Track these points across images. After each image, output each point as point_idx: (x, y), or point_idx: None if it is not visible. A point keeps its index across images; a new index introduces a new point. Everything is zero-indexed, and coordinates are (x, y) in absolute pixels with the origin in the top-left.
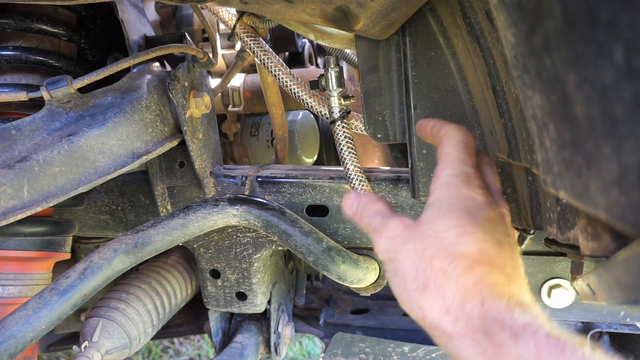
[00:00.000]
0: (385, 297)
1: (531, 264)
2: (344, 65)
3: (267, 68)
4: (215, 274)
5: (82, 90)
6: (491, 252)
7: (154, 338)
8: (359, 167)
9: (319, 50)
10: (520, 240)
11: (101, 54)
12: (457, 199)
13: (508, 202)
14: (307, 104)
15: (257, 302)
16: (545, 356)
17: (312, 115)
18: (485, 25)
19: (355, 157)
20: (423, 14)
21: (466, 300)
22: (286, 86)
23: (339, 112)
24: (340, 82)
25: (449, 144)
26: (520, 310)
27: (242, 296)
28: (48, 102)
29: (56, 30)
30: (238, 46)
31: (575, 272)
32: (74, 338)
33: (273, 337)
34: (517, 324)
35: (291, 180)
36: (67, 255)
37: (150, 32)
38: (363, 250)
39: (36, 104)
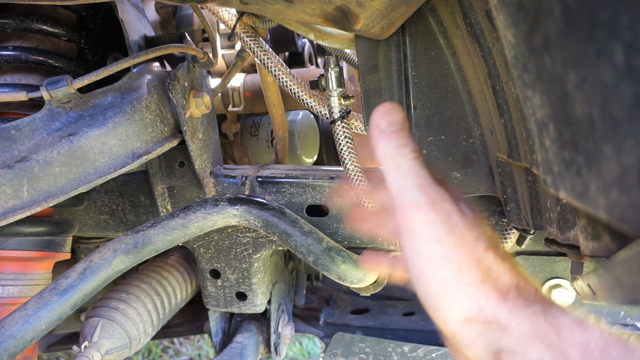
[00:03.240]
0: (385, 297)
1: (531, 264)
2: (344, 65)
3: (267, 68)
4: (215, 274)
5: (82, 90)
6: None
7: (154, 338)
8: (359, 167)
9: (319, 50)
10: (520, 240)
11: (101, 54)
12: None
13: (508, 202)
14: (307, 104)
15: (257, 302)
16: (612, 347)
17: (312, 115)
18: (485, 25)
19: (355, 157)
20: (423, 14)
21: (520, 286)
22: (286, 86)
23: (339, 112)
24: (340, 82)
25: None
26: None
27: (242, 296)
28: (48, 102)
29: (56, 30)
30: (238, 46)
31: (575, 272)
32: (74, 338)
33: (273, 337)
34: (576, 313)
35: (291, 180)
36: (67, 255)
37: (150, 32)
38: (363, 250)
39: (36, 104)
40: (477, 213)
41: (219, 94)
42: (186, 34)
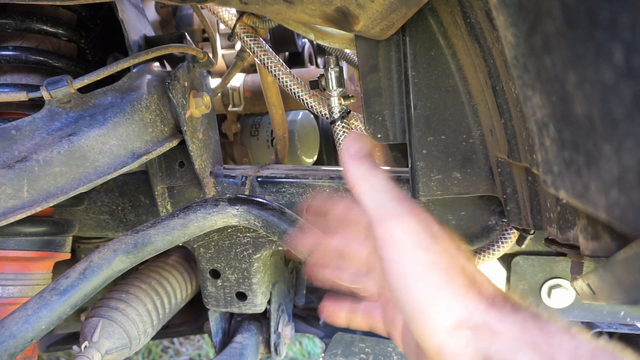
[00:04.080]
0: None
1: (531, 264)
2: (344, 65)
3: (267, 68)
4: (215, 274)
5: (82, 90)
6: None
7: (154, 338)
8: None
9: (319, 50)
10: (520, 240)
11: (101, 54)
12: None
13: (508, 202)
14: (307, 104)
15: (257, 302)
16: (600, 354)
17: (312, 115)
18: (485, 25)
19: None
20: (423, 14)
21: (504, 294)
22: (286, 86)
23: (339, 112)
24: (340, 82)
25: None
26: None
27: (242, 296)
28: (48, 102)
29: (56, 30)
30: (238, 46)
31: (575, 272)
32: (74, 338)
33: (273, 337)
34: (562, 322)
35: (291, 180)
36: (67, 255)
37: (150, 32)
38: None
39: (36, 104)
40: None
41: (219, 94)
42: (186, 34)
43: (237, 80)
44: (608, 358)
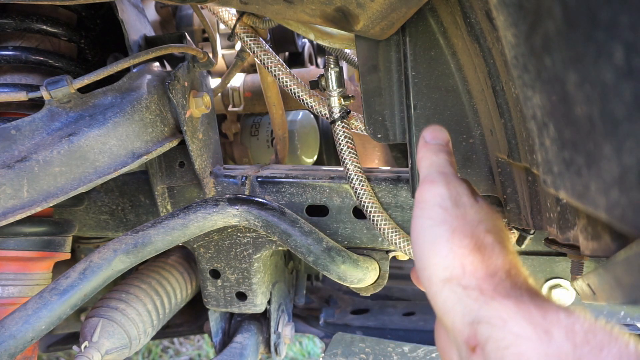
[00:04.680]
0: (385, 297)
1: (531, 264)
2: (344, 65)
3: (267, 68)
4: (215, 274)
5: (82, 90)
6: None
7: (154, 338)
8: (359, 167)
9: (319, 50)
10: (520, 240)
11: (101, 54)
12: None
13: (508, 202)
14: (307, 104)
15: (257, 302)
16: (597, 331)
17: (312, 115)
18: (485, 25)
19: (355, 157)
20: (423, 14)
21: (511, 272)
22: (286, 86)
23: (339, 112)
24: (340, 82)
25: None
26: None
27: (242, 296)
28: (48, 102)
29: (56, 30)
30: (238, 46)
31: (575, 272)
32: (74, 338)
33: (273, 337)
34: (562, 303)
35: (291, 180)
36: (67, 255)
37: (150, 32)
38: (363, 250)
39: (36, 104)
40: (493, 208)
41: (219, 94)
42: (186, 34)
43: (237, 80)
44: (605, 335)
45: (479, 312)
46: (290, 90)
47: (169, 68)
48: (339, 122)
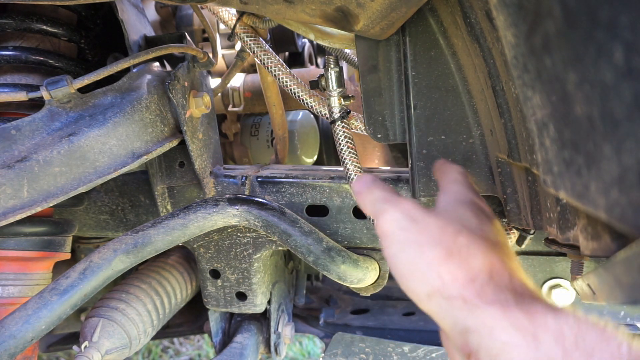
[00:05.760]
0: (385, 297)
1: (531, 264)
2: (344, 65)
3: (267, 68)
4: (215, 274)
5: (82, 90)
6: (508, 244)
7: (154, 338)
8: (359, 167)
9: (319, 50)
10: (520, 240)
11: (101, 54)
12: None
13: (508, 202)
14: (307, 104)
15: (257, 302)
16: (588, 333)
17: (312, 115)
18: (485, 25)
19: (355, 157)
20: (423, 14)
21: (493, 273)
22: (286, 86)
23: (339, 112)
24: (340, 82)
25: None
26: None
27: (242, 296)
28: (48, 102)
29: (56, 30)
30: (238, 46)
31: (575, 272)
32: (74, 338)
33: (273, 337)
34: (551, 302)
35: (291, 180)
36: (67, 255)
37: (150, 32)
38: (363, 250)
39: (36, 104)
40: (453, 204)
41: (219, 94)
42: (186, 34)
43: (237, 80)
44: (596, 336)
45: (466, 321)
46: (290, 90)
47: (169, 68)
48: (339, 122)
